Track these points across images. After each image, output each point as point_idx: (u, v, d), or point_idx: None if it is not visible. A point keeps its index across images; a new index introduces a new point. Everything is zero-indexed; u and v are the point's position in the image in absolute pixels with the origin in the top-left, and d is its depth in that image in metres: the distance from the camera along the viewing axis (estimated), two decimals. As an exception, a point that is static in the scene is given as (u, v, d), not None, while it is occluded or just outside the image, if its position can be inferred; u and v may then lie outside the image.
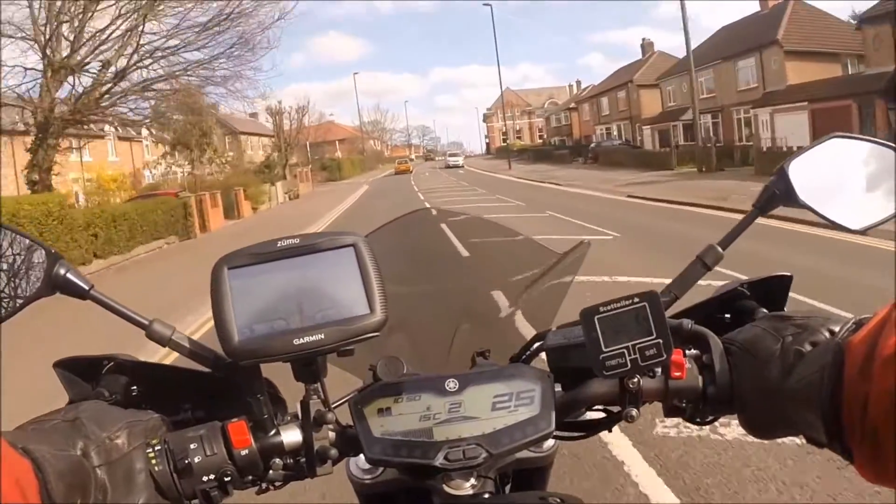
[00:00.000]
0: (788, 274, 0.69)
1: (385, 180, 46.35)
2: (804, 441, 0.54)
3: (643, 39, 49.63)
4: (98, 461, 0.51)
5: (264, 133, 53.96)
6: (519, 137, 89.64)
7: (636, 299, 0.58)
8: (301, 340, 0.54)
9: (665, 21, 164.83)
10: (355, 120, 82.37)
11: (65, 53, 14.47)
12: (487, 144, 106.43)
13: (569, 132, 62.17)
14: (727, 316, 0.69)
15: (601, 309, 0.58)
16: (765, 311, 0.67)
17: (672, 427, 3.26)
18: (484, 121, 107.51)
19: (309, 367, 0.60)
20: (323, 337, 0.54)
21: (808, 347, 0.55)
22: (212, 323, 0.58)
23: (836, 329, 0.55)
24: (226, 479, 0.56)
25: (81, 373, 0.65)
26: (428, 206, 14.65)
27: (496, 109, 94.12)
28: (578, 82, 69.87)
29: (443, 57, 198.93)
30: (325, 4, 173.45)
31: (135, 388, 0.64)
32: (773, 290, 0.69)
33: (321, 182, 50.77)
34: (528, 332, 0.76)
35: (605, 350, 0.57)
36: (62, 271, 0.58)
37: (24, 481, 0.43)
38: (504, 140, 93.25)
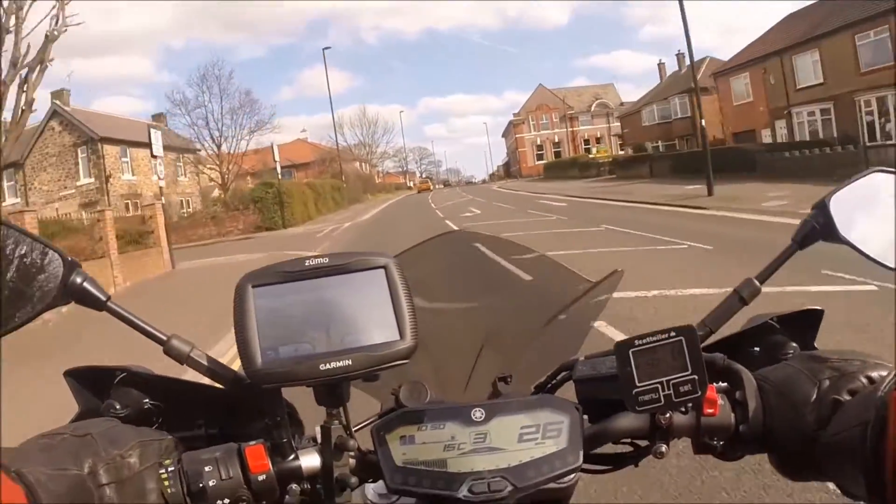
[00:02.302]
0: (820, 308, 0.69)
1: (378, 228, 20.82)
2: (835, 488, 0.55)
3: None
4: (107, 479, 0.49)
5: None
6: (558, 152, 65.02)
7: (672, 333, 0.57)
8: (327, 366, 0.52)
9: (648, 44, 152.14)
10: (344, 139, 55.79)
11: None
12: (507, 164, 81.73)
13: (689, 131, 36.35)
14: (756, 349, 0.69)
15: (636, 342, 0.58)
16: (795, 345, 0.68)
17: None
18: (503, 135, 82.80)
19: (333, 391, 0.57)
20: (350, 363, 0.53)
21: (846, 396, 0.55)
22: None
23: (874, 375, 0.55)
24: None
25: (93, 383, 0.63)
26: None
27: (527, 115, 69.13)
28: (680, 54, 43.18)
29: (429, 87, 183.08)
30: (312, 39, 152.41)
31: (147, 401, 0.63)
32: (803, 325, 0.69)
33: (239, 235, 24.86)
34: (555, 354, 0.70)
35: (638, 385, 0.57)
36: (79, 280, 0.56)
37: None
38: (539, 156, 68.46)
